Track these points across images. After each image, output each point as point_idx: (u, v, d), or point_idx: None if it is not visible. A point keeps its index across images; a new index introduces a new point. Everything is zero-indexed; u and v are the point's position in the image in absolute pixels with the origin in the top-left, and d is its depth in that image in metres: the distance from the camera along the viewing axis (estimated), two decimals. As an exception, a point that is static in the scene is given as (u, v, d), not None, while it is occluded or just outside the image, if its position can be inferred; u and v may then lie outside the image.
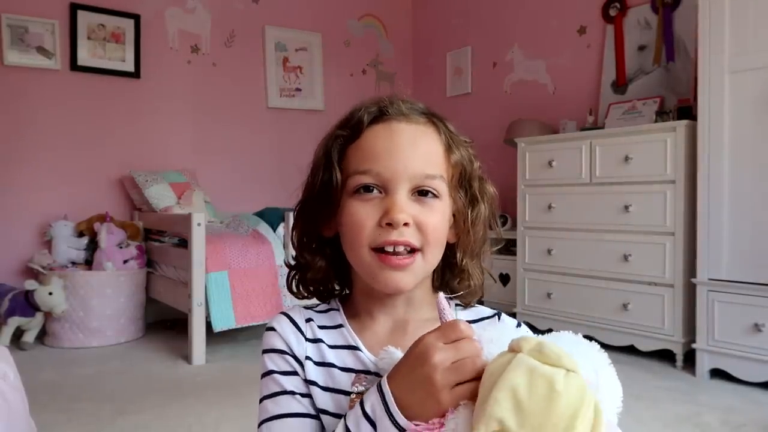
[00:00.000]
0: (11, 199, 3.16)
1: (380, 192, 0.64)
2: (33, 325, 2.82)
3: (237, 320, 2.64)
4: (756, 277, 2.20)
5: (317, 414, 0.64)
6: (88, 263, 3.07)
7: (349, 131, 0.67)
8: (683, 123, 2.47)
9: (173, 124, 3.65)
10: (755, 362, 2.19)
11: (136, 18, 3.50)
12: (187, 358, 2.61)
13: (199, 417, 1.93)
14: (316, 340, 0.68)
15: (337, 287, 0.75)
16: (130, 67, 3.48)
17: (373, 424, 0.54)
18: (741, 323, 2.23)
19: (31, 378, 2.22)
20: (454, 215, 0.69)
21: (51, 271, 2.89)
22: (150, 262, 3.18)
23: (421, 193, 0.65)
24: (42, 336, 2.93)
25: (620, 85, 3.15)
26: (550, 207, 2.94)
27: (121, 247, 3.04)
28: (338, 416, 0.61)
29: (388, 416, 0.53)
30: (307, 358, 0.66)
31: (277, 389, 0.65)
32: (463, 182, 0.70)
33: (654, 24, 3.04)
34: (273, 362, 0.67)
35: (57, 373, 2.45)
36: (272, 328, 0.69)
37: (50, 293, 2.74)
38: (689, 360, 2.44)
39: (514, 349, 0.49)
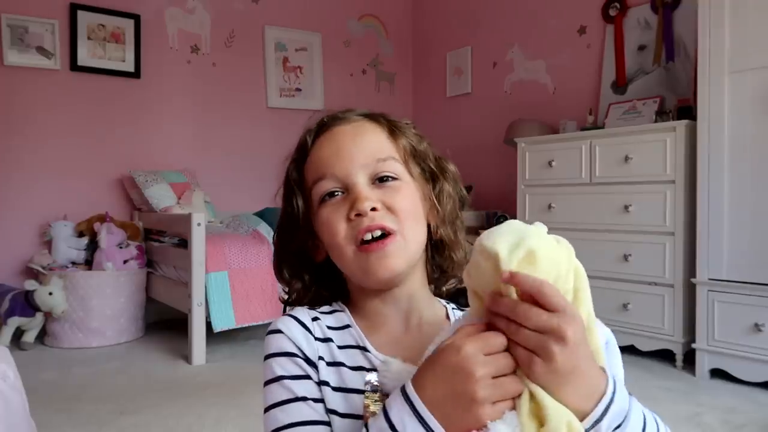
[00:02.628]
0: (11, 199, 3.16)
1: (343, 192, 0.66)
2: (33, 325, 2.82)
3: (237, 320, 2.64)
4: (756, 277, 2.20)
5: (329, 420, 0.61)
6: (88, 263, 3.07)
7: (298, 153, 0.72)
8: (683, 123, 2.47)
9: (173, 124, 3.65)
10: (755, 362, 2.19)
11: (136, 18, 3.50)
12: (187, 358, 2.61)
13: (199, 417, 1.93)
14: (326, 339, 0.66)
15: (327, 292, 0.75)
16: (130, 67, 3.48)
17: None
18: (741, 323, 2.23)
19: (31, 378, 2.22)
20: (420, 193, 0.70)
21: (51, 272, 2.89)
22: (150, 262, 3.18)
23: (381, 179, 0.66)
24: (42, 336, 2.93)
25: (620, 85, 3.15)
26: (550, 207, 2.94)
27: (121, 247, 3.04)
28: (349, 416, 0.60)
29: (424, 427, 0.49)
30: (320, 358, 0.64)
31: (288, 396, 0.61)
32: (418, 161, 0.71)
33: (654, 24, 3.04)
34: (281, 367, 0.63)
35: (57, 373, 2.45)
36: (278, 330, 0.65)
37: (50, 293, 2.74)
38: (689, 360, 2.44)
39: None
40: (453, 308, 0.74)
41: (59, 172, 3.28)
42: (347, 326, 0.68)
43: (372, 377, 0.62)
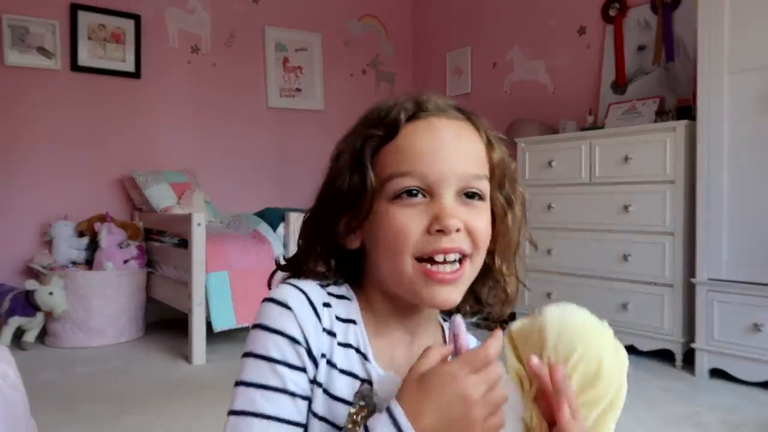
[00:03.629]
0: (11, 199, 3.16)
1: (424, 196, 0.58)
2: (33, 325, 2.82)
3: (237, 320, 2.64)
4: (756, 277, 2.20)
5: (306, 423, 0.57)
6: (89, 263, 3.08)
7: (383, 129, 0.60)
8: (683, 123, 2.47)
9: (173, 124, 3.65)
10: (755, 362, 2.19)
11: (137, 18, 3.50)
12: (187, 358, 2.62)
13: (199, 417, 1.94)
14: (331, 333, 0.59)
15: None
16: (130, 67, 3.49)
17: None
18: (740, 323, 2.23)
19: (32, 378, 2.22)
20: (492, 214, 0.64)
21: (51, 271, 2.89)
22: (150, 262, 3.19)
23: (468, 195, 0.59)
24: (42, 336, 2.93)
25: (620, 85, 3.15)
26: (549, 207, 2.94)
27: (121, 247, 3.04)
28: (326, 422, 0.57)
29: None
30: (323, 355, 0.58)
31: (276, 384, 0.55)
32: (502, 183, 0.64)
33: (654, 24, 3.04)
34: (278, 349, 0.56)
35: (57, 373, 2.45)
36: (286, 305, 0.57)
37: (51, 293, 2.74)
38: (689, 360, 2.44)
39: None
40: (449, 327, 0.71)
41: (60, 172, 3.28)
42: (352, 321, 0.61)
43: (365, 390, 0.57)
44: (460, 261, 0.58)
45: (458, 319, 0.56)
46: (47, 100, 3.26)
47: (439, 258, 0.57)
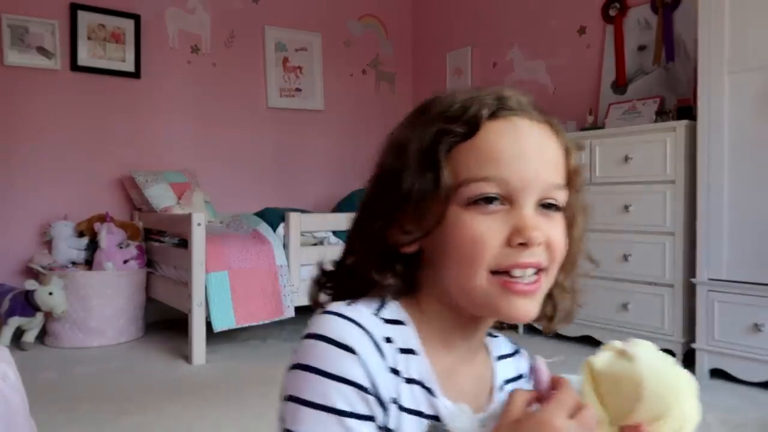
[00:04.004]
0: (11, 199, 3.16)
1: (503, 204, 0.53)
2: (33, 325, 2.82)
3: (237, 320, 2.64)
4: (756, 277, 2.20)
5: None
6: (88, 263, 3.07)
7: (463, 126, 0.53)
8: (683, 123, 2.47)
9: (173, 124, 3.65)
10: (755, 362, 2.19)
11: (136, 18, 3.50)
12: (187, 358, 2.62)
13: (199, 417, 1.94)
14: (395, 371, 0.52)
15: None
16: (130, 67, 3.49)
17: None
18: (741, 323, 2.23)
19: (31, 378, 2.22)
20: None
21: (51, 272, 2.89)
22: (150, 262, 3.18)
23: (546, 205, 0.55)
24: (42, 336, 2.93)
25: (620, 85, 3.15)
26: (550, 207, 2.94)
27: (121, 247, 3.04)
28: None
29: None
30: (394, 401, 0.51)
31: None
32: (575, 191, 0.59)
33: (654, 24, 3.04)
34: (345, 400, 0.49)
35: (57, 373, 2.45)
36: (348, 348, 0.50)
37: (50, 293, 2.74)
38: (689, 360, 2.44)
39: (609, 349, 0.54)
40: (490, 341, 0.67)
41: (59, 172, 3.28)
42: (411, 351, 0.54)
43: (437, 427, 0.52)
44: (537, 275, 0.54)
45: (540, 361, 0.52)
46: (47, 100, 3.26)
47: (517, 273, 0.52)
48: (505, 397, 0.52)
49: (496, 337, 0.68)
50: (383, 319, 0.54)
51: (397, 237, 0.55)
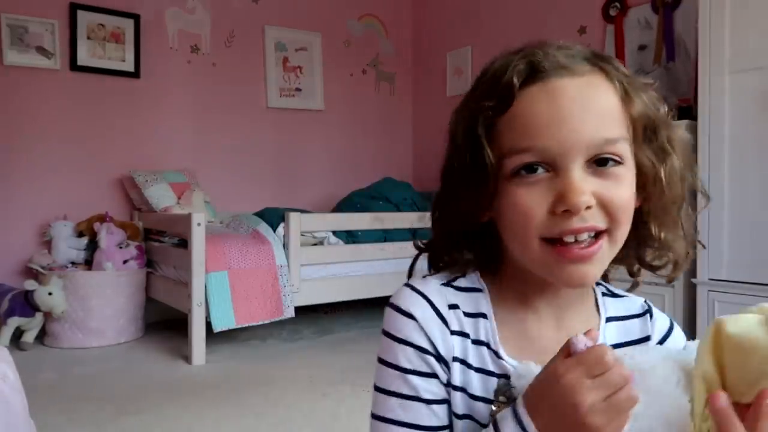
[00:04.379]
0: (11, 199, 3.16)
1: (547, 170, 0.52)
2: (33, 325, 2.82)
3: (237, 320, 2.63)
4: (756, 277, 2.20)
5: (450, 423, 0.56)
6: (88, 263, 3.07)
7: (496, 100, 0.53)
8: (683, 123, 2.47)
9: (173, 124, 3.65)
10: (755, 362, 2.19)
11: (136, 18, 3.50)
12: (187, 358, 2.61)
13: (199, 417, 1.93)
14: (462, 334, 0.57)
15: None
16: (130, 67, 3.48)
17: None
18: (741, 323, 2.22)
19: (31, 378, 2.22)
20: (639, 175, 0.55)
21: (51, 272, 2.88)
22: (150, 262, 3.18)
23: (600, 162, 0.52)
24: (42, 336, 2.92)
25: (620, 85, 3.15)
26: (550, 207, 2.94)
27: (121, 247, 3.04)
28: (467, 418, 0.56)
29: None
30: (455, 359, 0.56)
31: (410, 392, 0.55)
32: (648, 135, 0.56)
33: (654, 24, 3.04)
34: (407, 359, 0.55)
35: (57, 373, 2.44)
36: (410, 315, 0.56)
37: (50, 293, 2.74)
38: (689, 360, 2.43)
39: (757, 312, 0.48)
40: (602, 293, 0.64)
41: (59, 171, 3.28)
42: (482, 315, 0.58)
43: (503, 385, 0.55)
44: (596, 238, 0.52)
45: (576, 339, 0.47)
46: (46, 99, 3.26)
47: (569, 239, 0.51)
48: None
49: (621, 297, 0.65)
50: (456, 287, 0.59)
51: (473, 212, 0.57)
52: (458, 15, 4.21)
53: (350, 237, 3.04)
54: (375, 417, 0.57)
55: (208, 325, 2.59)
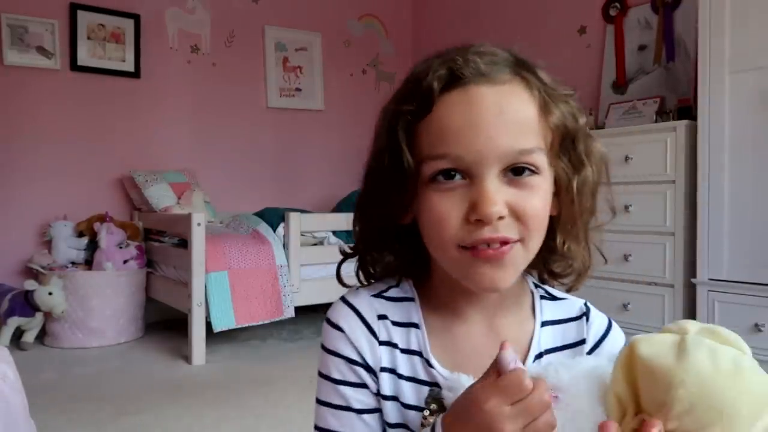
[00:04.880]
0: (11, 199, 3.16)
1: (463, 178, 0.52)
2: (33, 325, 2.82)
3: (237, 320, 2.63)
4: (756, 277, 2.20)
5: (383, 429, 0.58)
6: (88, 263, 3.07)
7: (416, 105, 0.53)
8: (683, 123, 2.47)
9: (173, 124, 3.65)
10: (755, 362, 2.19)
11: (136, 18, 3.50)
12: (187, 358, 2.61)
13: (199, 417, 1.93)
14: (390, 344, 0.58)
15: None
16: (130, 67, 3.48)
17: None
18: (741, 323, 2.23)
19: (31, 378, 2.22)
20: (554, 183, 0.56)
21: (51, 272, 2.88)
22: (150, 262, 3.18)
23: (516, 171, 0.52)
24: (42, 336, 2.92)
25: (620, 85, 3.15)
26: (550, 207, 2.94)
27: (121, 247, 3.04)
28: (400, 426, 0.56)
29: None
30: (383, 369, 0.57)
31: (341, 403, 0.57)
32: (565, 146, 0.56)
33: (654, 24, 3.04)
34: (338, 370, 0.58)
35: (57, 373, 2.44)
36: (338, 327, 0.58)
37: (50, 293, 2.74)
38: (689, 360, 2.43)
39: (676, 332, 0.46)
40: (541, 296, 0.63)
41: (59, 171, 3.28)
42: (414, 325, 0.59)
43: (435, 393, 0.55)
44: (506, 244, 0.52)
45: (506, 347, 0.47)
46: (46, 99, 3.26)
47: (482, 246, 0.51)
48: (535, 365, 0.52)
49: (560, 299, 0.64)
50: (387, 297, 0.60)
51: (395, 214, 0.57)
52: (458, 15, 4.21)
53: (350, 237, 3.04)
54: (316, 428, 0.60)
55: (208, 325, 2.59)
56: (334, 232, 3.01)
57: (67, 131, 3.31)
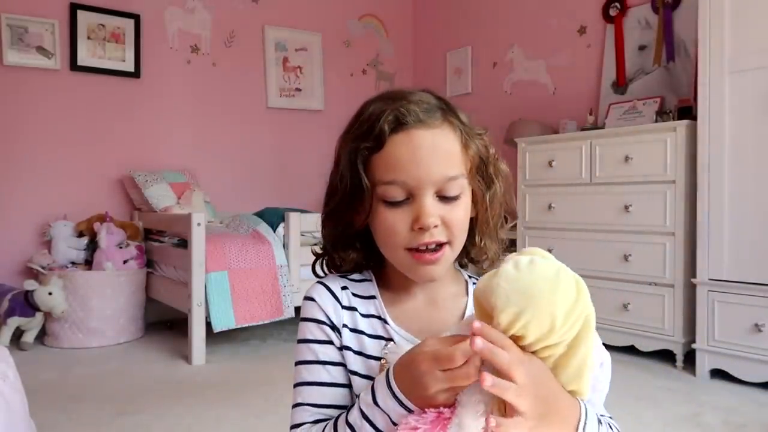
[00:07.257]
0: (11, 199, 3.16)
1: (407, 198, 0.69)
2: (33, 325, 2.82)
3: (237, 320, 2.63)
4: (756, 277, 2.20)
5: (347, 381, 0.72)
6: (88, 263, 3.07)
7: (372, 142, 0.70)
8: (683, 123, 2.47)
9: (173, 124, 3.65)
10: (755, 362, 2.19)
11: (136, 18, 3.50)
12: (187, 358, 2.61)
13: (199, 417, 1.93)
14: (351, 308, 0.75)
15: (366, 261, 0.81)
16: (130, 67, 3.48)
17: (382, 411, 0.62)
18: (741, 323, 2.23)
19: (31, 378, 2.22)
20: (472, 198, 0.75)
21: (51, 271, 2.89)
22: (150, 262, 3.18)
23: (445, 197, 0.70)
24: (42, 336, 2.93)
25: (620, 85, 3.15)
26: (550, 207, 2.94)
27: (120, 247, 3.04)
28: (368, 378, 0.70)
29: (398, 403, 0.61)
30: (344, 325, 0.73)
31: (311, 357, 0.73)
32: (480, 169, 0.75)
33: (654, 24, 3.04)
34: (310, 331, 0.74)
35: (57, 373, 2.45)
36: (311, 298, 0.76)
37: (50, 293, 2.74)
38: (689, 360, 2.44)
39: None
40: (474, 282, 0.80)
41: (59, 171, 3.28)
42: (372, 297, 0.77)
43: (389, 348, 0.71)
44: (440, 246, 0.70)
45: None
46: (46, 99, 3.26)
47: (423, 248, 0.70)
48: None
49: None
50: (351, 279, 0.78)
51: (355, 220, 0.74)
52: (458, 15, 4.21)
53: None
54: (294, 387, 0.73)
55: (208, 325, 2.59)
56: (334, 232, 3.01)
57: (67, 131, 3.31)
